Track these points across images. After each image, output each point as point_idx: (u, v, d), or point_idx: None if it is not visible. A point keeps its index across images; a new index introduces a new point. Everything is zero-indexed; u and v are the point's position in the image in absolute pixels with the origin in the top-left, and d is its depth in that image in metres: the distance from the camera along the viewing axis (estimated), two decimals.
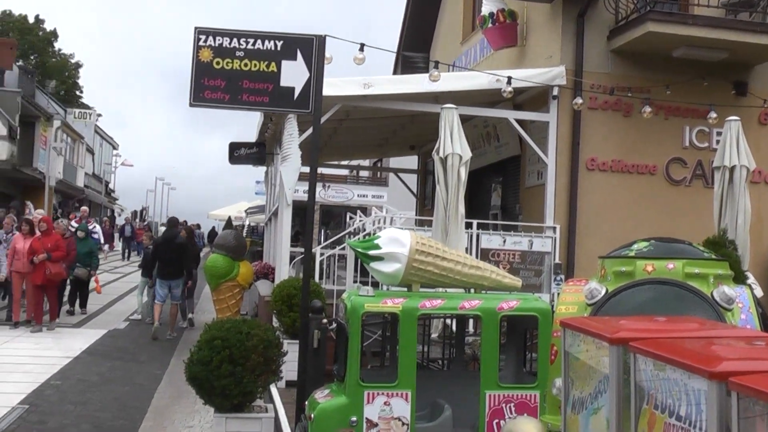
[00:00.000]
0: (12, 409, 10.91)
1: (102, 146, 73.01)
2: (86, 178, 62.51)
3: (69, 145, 55.65)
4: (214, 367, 8.11)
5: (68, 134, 55.19)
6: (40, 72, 69.16)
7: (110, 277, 33.68)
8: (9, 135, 42.13)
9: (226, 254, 16.08)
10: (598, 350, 4.38)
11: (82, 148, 60.39)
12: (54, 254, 17.27)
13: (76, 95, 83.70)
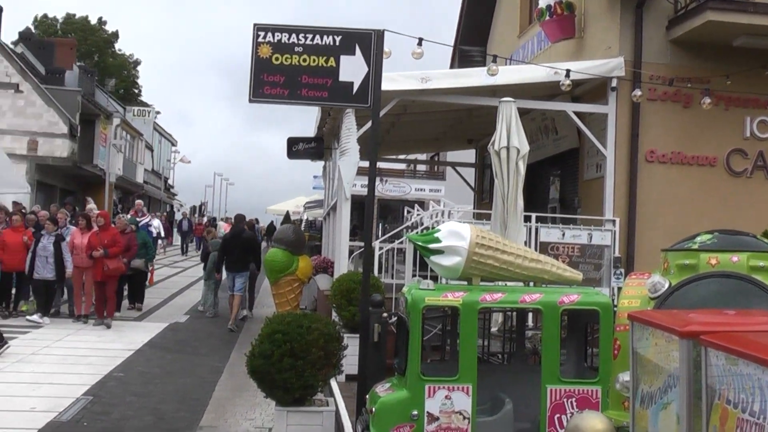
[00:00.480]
0: (76, 400, 11.06)
1: (161, 143, 73.68)
2: (145, 174, 63.13)
3: (128, 142, 56.23)
4: (275, 361, 8.11)
5: (127, 131, 55.77)
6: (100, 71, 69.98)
7: (170, 271, 34.02)
8: (70, 133, 42.69)
9: (285, 249, 16.12)
10: (667, 344, 4.28)
11: (141, 145, 61.01)
12: (111, 250, 17.29)
13: (134, 93, 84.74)
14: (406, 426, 7.36)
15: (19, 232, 18.09)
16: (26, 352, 14.33)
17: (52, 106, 42.55)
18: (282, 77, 8.98)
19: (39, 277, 17.90)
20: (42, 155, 42.32)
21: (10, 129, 42.16)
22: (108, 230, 17.76)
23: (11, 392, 11.38)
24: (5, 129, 42.03)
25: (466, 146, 24.88)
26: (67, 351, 14.73)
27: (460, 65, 22.15)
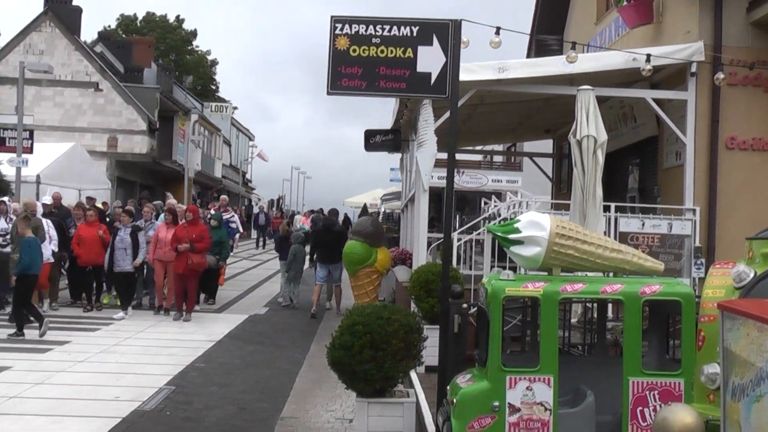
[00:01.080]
0: (159, 390, 11.24)
1: (238, 138, 74.38)
2: (224, 169, 63.80)
3: (206, 138, 56.89)
4: (355, 352, 8.12)
5: (205, 127, 56.41)
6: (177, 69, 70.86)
7: (249, 264, 34.33)
8: (148, 129, 43.35)
9: (363, 241, 16.16)
10: (759, 335, 4.16)
11: (219, 140, 61.66)
12: (198, 245, 17.34)
13: (212, 90, 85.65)
14: (487, 417, 7.31)
15: (94, 227, 18.29)
16: (109, 343, 14.61)
17: (131, 103, 43.24)
18: (360, 69, 8.97)
19: (118, 270, 18.08)
20: (122, 152, 43.06)
21: (91, 127, 42.98)
22: (197, 225, 17.81)
23: (96, 382, 11.60)
24: (86, 127, 42.86)
25: (544, 136, 24.65)
26: (149, 342, 14.97)
27: (536, 54, 21.92)
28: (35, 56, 41.91)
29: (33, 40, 44.02)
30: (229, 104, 64.67)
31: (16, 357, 13.17)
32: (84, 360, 13.14)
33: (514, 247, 7.72)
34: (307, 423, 10.18)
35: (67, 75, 43.39)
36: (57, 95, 43.42)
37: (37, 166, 24.92)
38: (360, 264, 16.11)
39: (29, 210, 17.17)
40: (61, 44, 43.87)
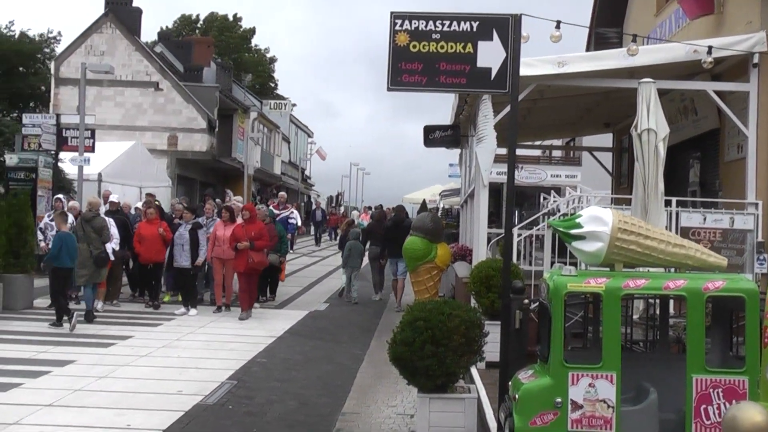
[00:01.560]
0: (221, 384, 11.33)
1: (297, 135, 74.75)
2: (283, 165, 64.16)
3: (265, 135, 57.26)
4: (416, 348, 8.12)
5: (264, 125, 56.78)
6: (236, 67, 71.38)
7: (308, 260, 34.48)
8: (208, 127, 43.76)
9: (423, 236, 16.15)
10: None
11: (278, 137, 62.02)
12: (257, 243, 17.21)
13: (271, 87, 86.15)
14: (549, 413, 7.26)
15: (155, 224, 18.37)
16: (171, 338, 14.79)
17: (190, 102, 43.68)
18: (420, 65, 8.96)
19: (177, 265, 18.26)
20: (182, 150, 43.53)
21: (151, 126, 43.53)
22: (255, 223, 17.62)
23: (159, 376, 11.76)
24: (146, 126, 43.42)
25: (603, 130, 24.42)
26: (211, 337, 15.11)
27: (596, 48, 21.71)
28: (96, 57, 42.52)
29: (94, 42, 44.67)
30: (287, 101, 64.94)
31: (80, 351, 13.39)
32: (147, 354, 13.31)
33: (575, 243, 7.66)
34: (368, 418, 10.21)
35: (127, 75, 43.96)
36: (118, 95, 44.02)
37: (98, 164, 25.29)
38: (420, 260, 16.11)
39: (93, 208, 17.36)
40: (122, 45, 44.46)
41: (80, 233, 16.83)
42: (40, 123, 22.98)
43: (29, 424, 9.22)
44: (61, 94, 44.70)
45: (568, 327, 8.02)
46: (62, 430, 9.06)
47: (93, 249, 16.69)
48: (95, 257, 16.68)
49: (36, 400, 10.21)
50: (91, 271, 16.69)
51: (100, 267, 16.93)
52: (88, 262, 16.63)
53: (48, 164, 21.96)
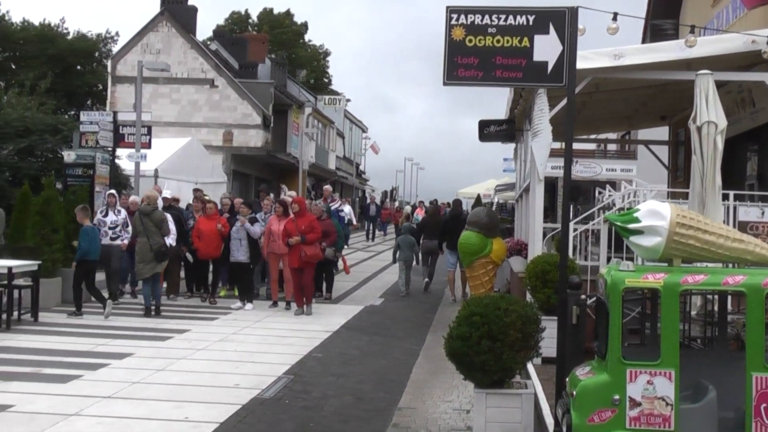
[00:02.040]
0: (277, 379, 11.40)
1: (352, 130, 74.94)
2: (337, 160, 64.36)
3: (320, 130, 57.46)
4: (473, 343, 8.08)
5: (319, 120, 56.98)
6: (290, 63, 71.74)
7: (364, 255, 34.53)
8: (263, 123, 44.02)
9: (479, 231, 16.07)
10: None
11: (332, 133, 62.23)
12: (308, 236, 17.00)
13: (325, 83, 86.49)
14: (607, 410, 7.18)
15: (213, 220, 18.42)
16: (228, 332, 14.91)
17: (245, 98, 43.97)
18: (476, 59, 8.92)
19: (233, 260, 18.29)
20: (237, 146, 43.86)
21: (207, 122, 43.89)
22: (305, 216, 17.40)
23: (217, 369, 11.84)
24: (202, 122, 43.80)
25: (659, 123, 24.11)
26: (267, 331, 15.20)
27: (651, 39, 21.45)
28: (152, 55, 43.02)
29: (150, 40, 45.15)
30: (342, 97, 65.20)
31: (138, 344, 13.56)
32: (203, 348, 13.42)
33: (633, 237, 7.56)
34: (424, 413, 10.19)
35: (183, 72, 44.37)
36: (173, 92, 44.46)
37: (155, 160, 25.53)
38: (475, 255, 16.03)
39: (152, 202, 17.50)
40: (177, 43, 44.89)
41: (139, 227, 17.05)
42: (98, 120, 23.20)
43: (89, 415, 9.34)
44: (118, 91, 45.25)
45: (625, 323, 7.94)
46: (121, 421, 9.17)
47: (153, 243, 16.86)
48: (155, 251, 16.85)
49: (95, 391, 10.35)
50: (153, 265, 16.88)
51: (161, 261, 17.09)
52: (148, 256, 16.83)
53: (105, 161, 22.17)
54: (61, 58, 64.39)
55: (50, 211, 17.60)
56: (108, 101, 45.85)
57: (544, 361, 11.22)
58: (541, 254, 13.39)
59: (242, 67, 51.35)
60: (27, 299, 15.86)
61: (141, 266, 16.85)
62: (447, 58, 8.98)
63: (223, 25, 79.28)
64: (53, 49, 64.15)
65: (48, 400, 9.87)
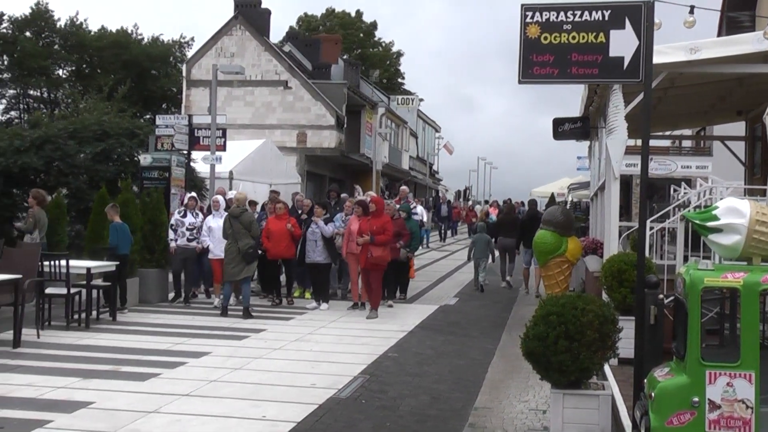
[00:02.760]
0: (354, 378, 11.40)
1: (425, 130, 74.94)
2: (411, 160, 64.41)
3: (393, 131, 57.54)
4: (550, 343, 8.00)
5: (392, 120, 57.07)
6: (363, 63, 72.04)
7: (437, 254, 34.50)
8: (337, 124, 44.24)
9: (554, 230, 15.92)
10: None
11: (405, 133, 62.30)
12: (378, 237, 16.78)
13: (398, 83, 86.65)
14: (686, 413, 7.05)
15: (283, 220, 18.31)
16: (304, 332, 14.98)
17: (319, 99, 44.24)
18: (551, 56, 8.86)
19: (310, 261, 18.23)
20: (311, 146, 44.15)
21: (280, 123, 44.27)
22: (380, 217, 17.17)
23: (293, 369, 11.88)
24: (276, 124, 44.18)
25: (735, 118, 23.62)
26: (342, 331, 15.24)
27: (728, 32, 21.06)
28: (227, 59, 43.49)
29: (224, 44, 45.67)
30: (415, 96, 65.15)
31: (215, 343, 13.70)
32: (280, 348, 13.50)
33: (712, 235, 7.41)
34: (500, 413, 10.12)
35: (257, 75, 44.80)
36: (248, 95, 44.92)
37: (229, 162, 25.77)
38: (550, 254, 15.88)
39: (240, 204, 17.49)
40: (251, 46, 45.33)
41: (228, 229, 17.10)
42: (173, 124, 23.44)
43: (168, 412, 9.45)
44: (193, 95, 45.86)
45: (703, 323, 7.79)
46: (199, 418, 9.25)
47: (241, 245, 16.84)
48: (243, 253, 16.84)
49: (173, 389, 10.46)
50: (241, 267, 16.89)
51: (249, 263, 17.06)
52: (236, 258, 16.86)
53: (180, 163, 22.42)
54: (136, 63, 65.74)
55: (127, 213, 17.78)
56: (183, 105, 46.53)
57: (621, 361, 11.09)
58: (617, 253, 13.22)
59: (315, 68, 51.66)
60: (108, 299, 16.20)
61: (229, 268, 16.88)
62: (522, 56, 8.94)
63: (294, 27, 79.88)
64: (128, 54, 65.61)
65: (127, 398, 10.01)
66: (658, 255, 15.21)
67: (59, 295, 14.96)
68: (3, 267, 13.54)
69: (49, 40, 68.11)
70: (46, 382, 10.61)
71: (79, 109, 41.55)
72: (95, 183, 22.10)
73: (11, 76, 64.97)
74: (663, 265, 13.52)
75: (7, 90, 66.62)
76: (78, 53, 67.40)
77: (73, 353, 12.73)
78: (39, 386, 10.41)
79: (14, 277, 12.87)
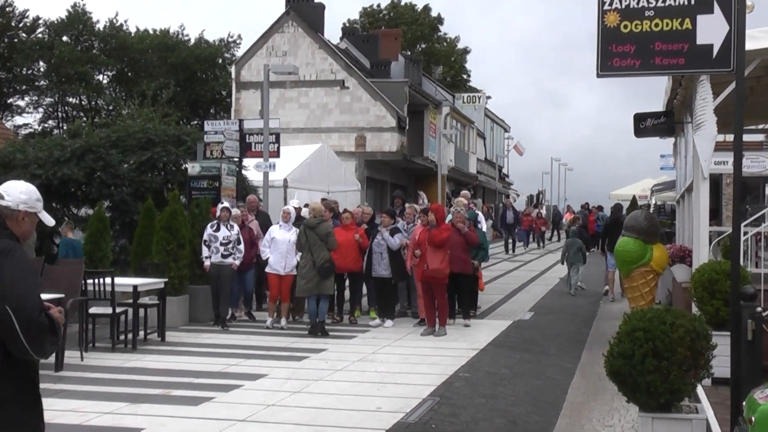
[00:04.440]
0: (422, 401, 11.30)
1: (493, 130, 74.68)
2: (478, 164, 64.21)
3: (459, 131, 57.42)
4: (636, 362, 7.87)
5: (457, 120, 56.94)
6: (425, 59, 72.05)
7: (509, 265, 34.31)
8: (398, 126, 44.20)
9: (637, 237, 15.71)
10: None
11: (472, 134, 62.13)
12: (437, 235, 16.52)
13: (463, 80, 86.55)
14: None
15: (350, 230, 18.24)
16: (367, 351, 14.95)
17: (378, 99, 44.26)
18: (632, 46, 8.75)
19: (375, 275, 18.15)
20: (371, 150, 44.18)
21: (338, 126, 44.38)
22: (440, 227, 16.86)
23: (357, 391, 11.87)
24: (332, 127, 44.28)
25: None
26: (409, 350, 15.18)
27: None
28: (278, 58, 43.67)
29: (276, 42, 45.90)
30: (482, 94, 64.98)
31: (272, 364, 13.73)
32: (342, 368, 13.48)
33: None
34: None
35: (311, 75, 44.95)
36: (302, 96, 45.07)
37: (284, 170, 25.80)
38: (634, 263, 15.65)
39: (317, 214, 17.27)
40: (305, 43, 45.52)
41: (303, 242, 16.87)
42: (223, 129, 23.49)
43: None
44: (243, 98, 46.16)
45: None
46: None
47: (316, 258, 16.70)
48: (319, 267, 16.68)
49: (229, 414, 10.48)
50: (315, 282, 16.70)
51: (325, 278, 16.82)
52: (310, 272, 16.66)
53: (231, 172, 22.49)
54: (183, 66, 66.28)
55: (176, 225, 17.90)
56: (233, 109, 46.85)
57: (715, 381, 10.89)
58: (708, 261, 12.98)
59: (374, 66, 51.78)
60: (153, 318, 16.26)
61: (303, 284, 16.76)
62: (601, 47, 8.83)
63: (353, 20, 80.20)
64: (174, 57, 66.07)
65: (179, 424, 10.07)
66: (753, 263, 14.95)
67: (104, 315, 15.12)
68: (44, 286, 13.69)
69: (88, 44, 68.86)
70: (92, 408, 10.71)
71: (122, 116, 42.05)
72: (140, 194, 22.29)
73: (48, 83, 65.90)
74: (759, 274, 13.25)
75: (45, 98, 67.59)
76: (119, 57, 68.07)
77: (119, 376, 12.86)
78: (84, 412, 10.51)
79: (57, 296, 12.97)
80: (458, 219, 17.91)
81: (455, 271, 17.34)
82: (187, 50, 68.50)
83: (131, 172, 23.13)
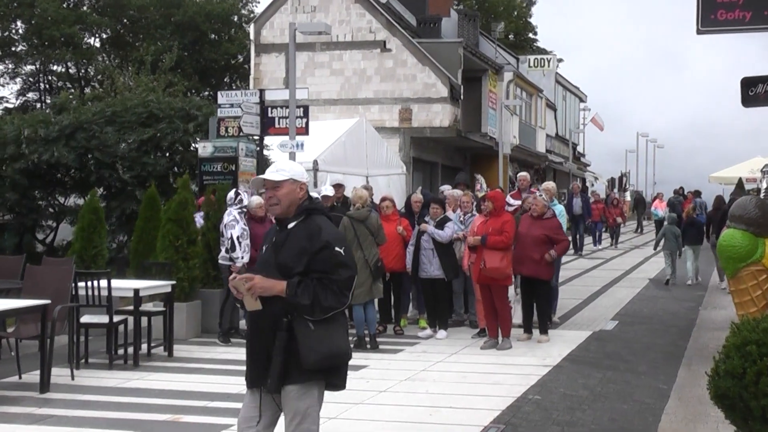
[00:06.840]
0: (485, 429, 11.30)
1: (566, 99, 74.34)
2: (548, 140, 63.98)
3: (524, 102, 57.24)
4: (749, 382, 7.81)
5: (522, 88, 56.78)
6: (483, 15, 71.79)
7: (587, 263, 34.22)
8: (450, 96, 44.03)
9: (745, 229, 15.59)
10: None
11: (540, 104, 61.89)
12: (491, 239, 16.32)
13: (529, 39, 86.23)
14: None
15: (393, 222, 18.01)
16: (416, 368, 14.95)
17: (427, 64, 44.11)
18: None
19: (426, 276, 17.78)
20: (418, 126, 44.03)
21: (378, 97, 44.13)
22: (499, 216, 16.64)
23: (404, 417, 11.84)
24: (372, 98, 44.02)
25: None
26: (466, 367, 15.16)
27: None
28: (306, 15, 43.63)
29: None
30: (552, 56, 64.55)
31: None
32: (386, 389, 13.50)
33: None
34: None
35: (346, 35, 44.87)
36: (334, 60, 44.98)
37: (314, 150, 25.80)
38: (742, 261, 15.51)
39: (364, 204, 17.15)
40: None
41: (350, 237, 16.29)
42: (240, 102, 23.26)
43: None
44: (264, 64, 46.19)
45: None
46: None
47: (368, 256, 16.49)
48: (372, 266, 16.54)
49: None
50: (369, 284, 16.49)
51: (377, 279, 16.76)
52: (363, 274, 16.00)
53: (251, 152, 22.44)
54: (190, 25, 65.84)
55: (186, 217, 17.79)
56: (252, 77, 46.93)
57: None
58: None
59: (421, 24, 51.73)
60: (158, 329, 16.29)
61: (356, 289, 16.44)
62: None
63: None
64: (180, 15, 65.44)
65: None
66: None
67: (99, 325, 15.16)
68: (27, 290, 13.75)
69: (77, 1, 68.56)
70: None
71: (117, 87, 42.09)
72: (142, 180, 22.31)
73: (28, 47, 64.65)
74: None
75: (24, 66, 66.73)
76: (114, 16, 67.46)
77: (118, 399, 12.90)
78: None
79: (41, 302, 13.02)
80: (537, 208, 17.48)
81: (526, 275, 17.28)
82: (196, 6, 68.04)
83: (131, 153, 23.12)
